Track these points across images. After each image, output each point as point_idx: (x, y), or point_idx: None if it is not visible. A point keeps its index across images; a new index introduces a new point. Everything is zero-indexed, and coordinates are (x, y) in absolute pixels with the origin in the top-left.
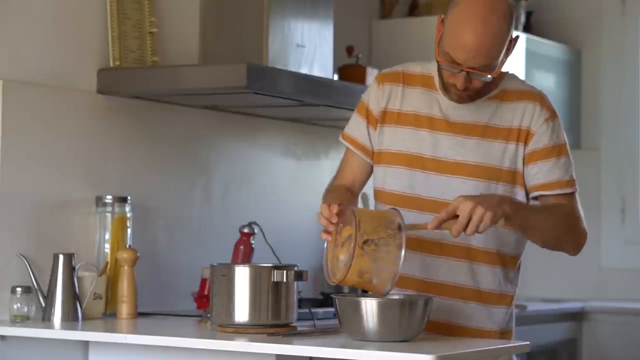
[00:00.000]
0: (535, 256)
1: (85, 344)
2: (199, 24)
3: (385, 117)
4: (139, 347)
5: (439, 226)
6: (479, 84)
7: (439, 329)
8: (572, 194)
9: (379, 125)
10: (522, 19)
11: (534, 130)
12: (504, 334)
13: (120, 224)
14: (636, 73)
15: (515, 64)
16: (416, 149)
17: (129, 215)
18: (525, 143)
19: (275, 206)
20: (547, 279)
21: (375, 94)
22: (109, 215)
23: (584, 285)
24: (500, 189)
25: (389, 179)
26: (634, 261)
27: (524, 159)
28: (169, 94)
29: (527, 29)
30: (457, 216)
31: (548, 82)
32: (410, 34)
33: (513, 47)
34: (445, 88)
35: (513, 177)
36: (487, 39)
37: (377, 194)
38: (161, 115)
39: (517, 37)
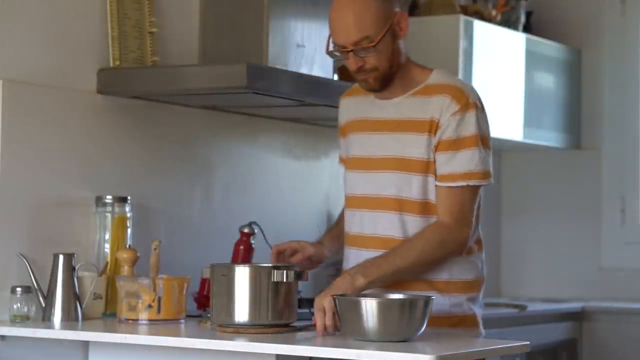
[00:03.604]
0: (535, 256)
1: (85, 344)
2: (199, 24)
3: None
4: (138, 347)
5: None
6: (374, 61)
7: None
8: (465, 187)
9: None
10: (522, 19)
11: (440, 122)
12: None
13: (120, 224)
14: (636, 73)
15: (515, 63)
16: (354, 152)
17: (129, 215)
18: (434, 134)
19: (275, 206)
20: (547, 279)
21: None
22: (109, 215)
23: (584, 285)
24: (414, 180)
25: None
26: (634, 261)
27: (434, 148)
28: (169, 94)
29: (527, 29)
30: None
31: (548, 82)
32: (410, 34)
33: (400, 21)
34: (358, 81)
35: (426, 167)
36: (353, 14)
37: None
38: (161, 115)
39: (402, 12)
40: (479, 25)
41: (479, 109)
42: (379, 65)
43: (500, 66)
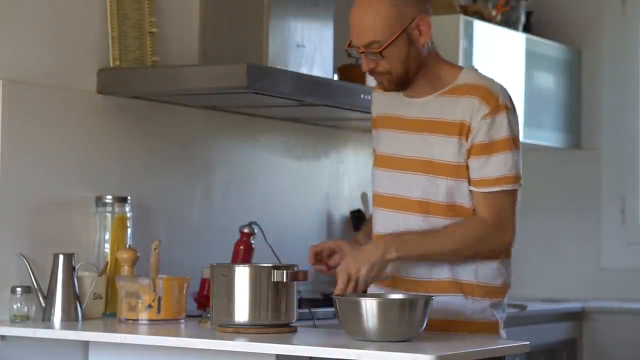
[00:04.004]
0: (535, 256)
1: (85, 344)
2: (199, 24)
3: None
4: (138, 347)
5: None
6: (385, 65)
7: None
8: (501, 192)
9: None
10: (522, 19)
11: (472, 126)
12: (481, 324)
13: (120, 224)
14: (636, 73)
15: (515, 63)
16: (381, 149)
17: (129, 215)
18: (466, 138)
19: (275, 206)
20: (547, 279)
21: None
22: (109, 215)
23: (584, 285)
24: (441, 183)
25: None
26: (634, 261)
27: (467, 152)
28: (169, 94)
29: (527, 29)
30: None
31: (548, 82)
32: None
33: (419, 25)
34: (376, 81)
35: (456, 170)
36: (367, 16)
37: None
38: (161, 115)
39: (423, 17)
40: (479, 25)
41: (510, 110)
42: (392, 69)
43: (500, 66)
